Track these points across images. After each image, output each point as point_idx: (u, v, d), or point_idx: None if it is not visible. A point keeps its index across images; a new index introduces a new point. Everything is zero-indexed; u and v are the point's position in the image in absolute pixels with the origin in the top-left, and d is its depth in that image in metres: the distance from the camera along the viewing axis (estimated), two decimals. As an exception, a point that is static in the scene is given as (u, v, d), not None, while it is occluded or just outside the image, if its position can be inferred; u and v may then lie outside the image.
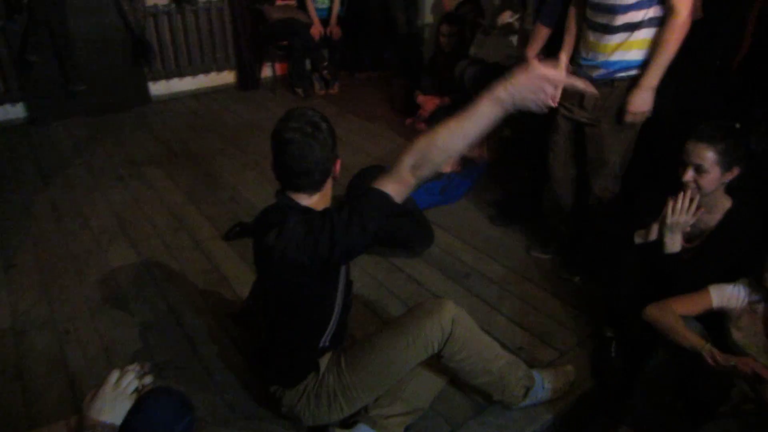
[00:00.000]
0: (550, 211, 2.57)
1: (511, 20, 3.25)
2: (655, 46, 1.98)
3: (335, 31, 4.84)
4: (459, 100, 3.76)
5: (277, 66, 5.24)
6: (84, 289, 2.47)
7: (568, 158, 2.37)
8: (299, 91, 4.88)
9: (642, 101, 2.02)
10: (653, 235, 1.85)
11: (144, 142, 4.01)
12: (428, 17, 5.04)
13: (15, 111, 4.30)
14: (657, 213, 1.83)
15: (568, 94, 2.23)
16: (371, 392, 1.65)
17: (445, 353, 1.61)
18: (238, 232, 2.82)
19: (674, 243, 1.81)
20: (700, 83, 2.31)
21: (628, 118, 2.07)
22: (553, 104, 2.22)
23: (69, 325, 2.26)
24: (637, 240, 1.89)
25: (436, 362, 1.68)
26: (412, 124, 4.08)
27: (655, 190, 1.96)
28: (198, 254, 2.71)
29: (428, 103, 3.96)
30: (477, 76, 3.43)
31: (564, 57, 2.24)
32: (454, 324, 1.59)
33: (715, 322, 1.74)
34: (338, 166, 1.55)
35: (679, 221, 1.78)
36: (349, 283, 1.68)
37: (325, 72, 4.88)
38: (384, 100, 4.75)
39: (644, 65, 2.03)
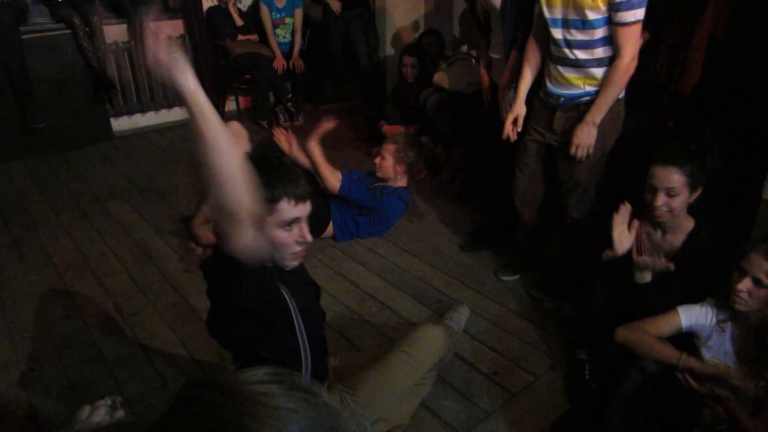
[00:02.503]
0: (518, 230, 2.61)
1: (467, 52, 3.39)
2: (601, 85, 2.07)
3: (298, 64, 4.92)
4: (423, 129, 3.87)
5: (241, 99, 5.28)
6: (49, 327, 2.41)
7: (536, 178, 2.42)
8: (264, 123, 4.92)
9: (585, 135, 2.11)
10: (619, 249, 1.90)
11: (108, 177, 3.96)
12: (389, 49, 5.17)
13: (-28, 150, 4.19)
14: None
15: (537, 118, 2.31)
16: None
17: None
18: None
19: (644, 277, 1.87)
20: (652, 107, 2.43)
21: (572, 150, 2.15)
22: (512, 138, 2.31)
23: (33, 363, 2.19)
24: (605, 257, 1.94)
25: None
26: (378, 153, 4.16)
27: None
28: (167, 287, 2.68)
29: (393, 132, 4.04)
30: (438, 104, 3.54)
31: (523, 87, 2.32)
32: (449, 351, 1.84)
33: (684, 343, 1.79)
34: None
35: (646, 262, 1.85)
36: (310, 319, 1.57)
37: (289, 104, 4.93)
38: (349, 130, 4.82)
39: None
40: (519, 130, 2.34)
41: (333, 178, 2.96)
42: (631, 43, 1.96)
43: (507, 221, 2.85)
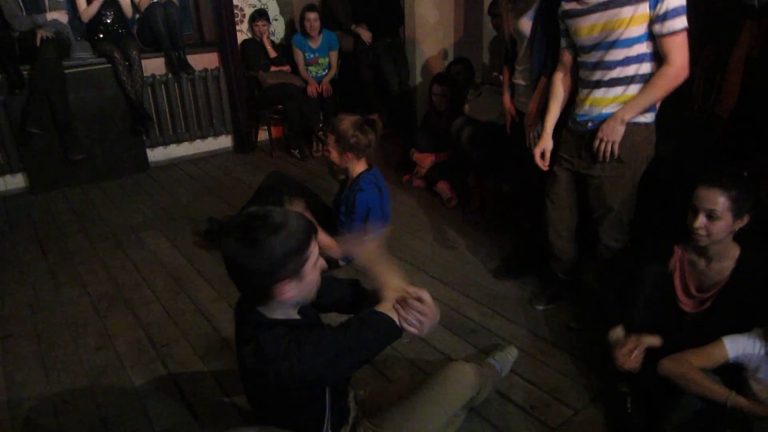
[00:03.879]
0: (553, 262, 2.56)
1: (495, 77, 3.37)
2: (643, 86, 2.02)
3: (326, 88, 4.96)
4: (455, 157, 3.84)
5: (273, 129, 5.35)
6: (82, 358, 2.41)
7: (568, 209, 2.38)
8: (296, 152, 4.97)
9: (611, 129, 2.05)
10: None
11: (142, 207, 4.03)
12: (419, 77, 5.20)
13: (15, 181, 4.34)
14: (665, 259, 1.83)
15: (565, 147, 2.27)
16: None
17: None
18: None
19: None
20: (695, 129, 2.35)
21: (595, 143, 2.10)
22: (544, 168, 2.28)
23: (66, 396, 2.19)
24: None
25: None
26: (409, 181, 4.15)
27: (663, 237, 1.96)
28: (199, 318, 2.67)
29: (425, 160, 4.03)
30: (473, 136, 3.51)
31: (550, 122, 2.30)
32: (480, 389, 1.77)
33: (732, 375, 1.70)
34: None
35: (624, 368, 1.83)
36: None
37: (320, 133, 4.97)
38: (379, 158, 4.80)
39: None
40: (547, 164, 2.32)
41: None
42: (681, 50, 1.92)
43: (539, 249, 2.79)
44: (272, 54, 4.96)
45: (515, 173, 3.02)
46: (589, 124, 2.15)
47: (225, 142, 5.27)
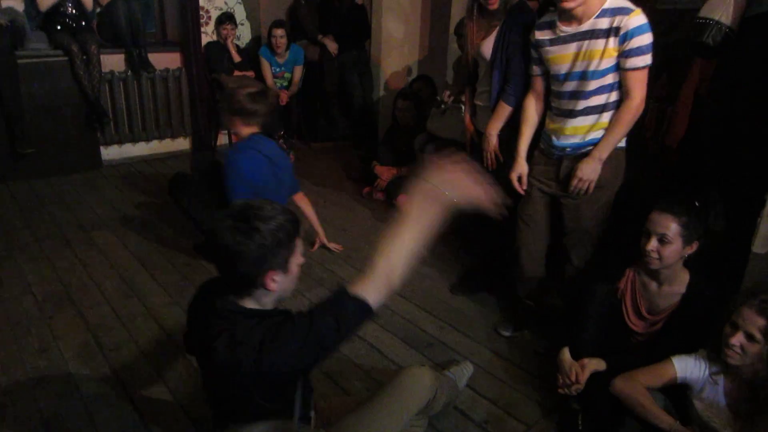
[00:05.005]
0: (520, 285, 2.56)
1: (448, 99, 3.45)
2: (610, 123, 2.11)
3: (283, 96, 4.94)
4: (416, 171, 3.89)
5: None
6: (24, 359, 2.31)
7: (542, 230, 2.40)
8: None
9: (590, 170, 2.13)
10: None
11: (94, 206, 3.90)
12: (382, 91, 5.26)
13: (-44, 171, 4.13)
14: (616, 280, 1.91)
15: (540, 169, 2.33)
16: None
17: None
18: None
19: None
20: (647, 157, 2.47)
21: (573, 183, 2.17)
22: (521, 192, 2.32)
23: (6, 399, 2.09)
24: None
25: None
26: (369, 194, 4.17)
27: (614, 259, 2.05)
28: (150, 322, 2.60)
29: (385, 173, 4.07)
30: (435, 151, 3.57)
31: (523, 146, 2.35)
32: (437, 393, 1.75)
33: (677, 394, 1.79)
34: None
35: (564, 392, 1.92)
36: None
37: (280, 141, 4.94)
38: (340, 169, 4.84)
39: None
40: (524, 187, 2.36)
41: None
42: (641, 86, 2.02)
43: (498, 266, 2.84)
44: (236, 58, 4.92)
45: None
46: (567, 150, 2.20)
47: (183, 144, 5.18)
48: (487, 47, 2.48)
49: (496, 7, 2.39)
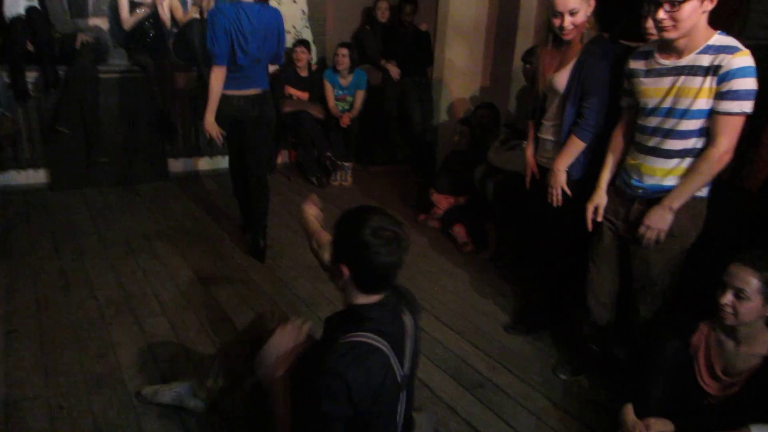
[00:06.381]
0: (585, 328, 2.46)
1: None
2: (688, 171, 1.98)
3: (344, 119, 4.99)
4: (474, 202, 3.85)
5: (293, 153, 5.41)
6: (83, 363, 2.39)
7: (611, 272, 2.30)
8: (313, 179, 5.00)
9: (659, 218, 2.01)
10: None
11: (158, 216, 4.05)
12: (443, 117, 5.25)
13: (36, 176, 4.40)
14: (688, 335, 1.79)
15: (612, 208, 2.23)
16: None
17: None
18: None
19: None
20: (724, 201, 2.31)
21: (641, 231, 2.06)
22: (598, 218, 2.23)
23: (63, 401, 2.16)
24: None
25: None
26: (424, 221, 4.15)
27: (687, 311, 1.93)
28: (203, 336, 2.65)
29: (443, 202, 4.04)
30: (498, 185, 3.51)
31: (606, 177, 2.25)
32: None
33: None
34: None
35: None
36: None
37: (327, 162, 5.00)
38: (395, 194, 4.84)
39: None
40: (599, 219, 2.26)
41: None
42: (730, 135, 1.87)
43: (559, 304, 2.74)
44: (302, 73, 5.03)
45: (532, 225, 2.99)
46: (640, 191, 2.10)
47: (245, 160, 5.31)
48: (561, 79, 2.40)
49: (572, 38, 2.33)
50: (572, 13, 2.24)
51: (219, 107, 3.22)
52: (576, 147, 2.38)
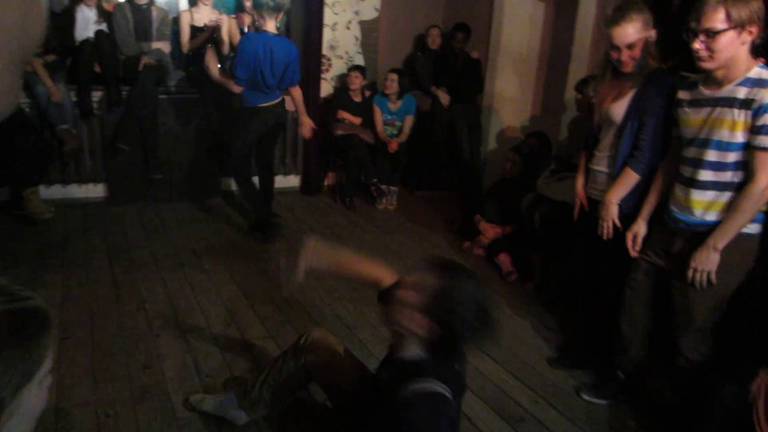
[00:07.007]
0: (617, 355, 2.42)
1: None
2: (729, 209, 1.94)
3: (393, 144, 5.02)
4: (520, 231, 3.79)
5: (336, 175, 5.49)
6: (130, 373, 2.46)
7: (645, 300, 2.27)
8: (347, 200, 5.02)
9: (705, 259, 1.96)
10: None
11: (207, 233, 4.16)
12: (492, 144, 5.23)
13: (95, 190, 4.60)
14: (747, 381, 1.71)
15: (653, 238, 2.20)
16: None
17: None
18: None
19: None
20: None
21: (689, 273, 2.00)
22: (632, 254, 2.19)
23: (110, 409, 2.22)
24: None
25: None
26: (469, 248, 4.11)
27: (746, 356, 1.84)
28: (246, 353, 2.68)
29: (490, 230, 4.00)
30: (546, 217, 3.46)
31: (648, 207, 2.24)
32: None
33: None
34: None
35: None
36: None
37: (372, 188, 5.04)
38: (441, 219, 4.82)
39: None
40: (638, 248, 2.25)
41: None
42: None
43: (601, 343, 2.66)
44: (356, 98, 5.12)
45: (578, 258, 2.92)
46: (681, 224, 2.07)
47: (293, 181, 5.42)
48: (618, 110, 2.37)
49: (630, 69, 2.31)
50: (630, 47, 2.24)
51: (257, 116, 3.94)
52: (630, 179, 2.34)
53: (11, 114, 2.53)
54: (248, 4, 4.94)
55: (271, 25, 3.72)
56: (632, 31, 2.21)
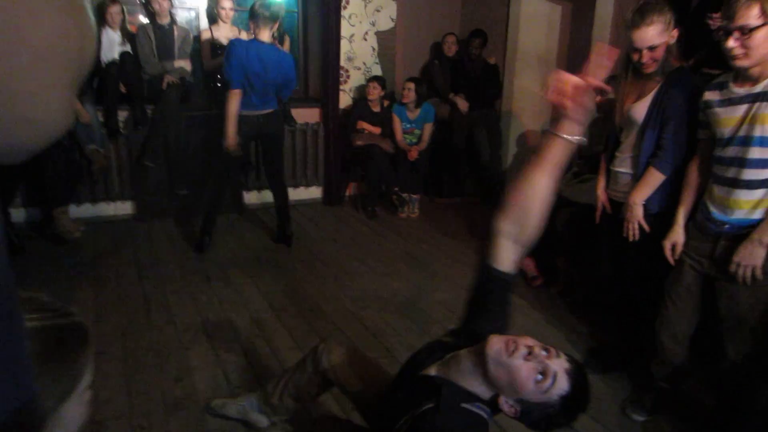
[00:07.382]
0: (657, 367, 2.36)
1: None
2: None
3: (413, 152, 5.05)
4: (544, 235, 3.76)
5: (358, 186, 5.52)
6: (162, 385, 2.50)
7: (690, 311, 2.21)
8: (368, 210, 5.05)
9: (749, 254, 1.91)
10: None
11: (233, 246, 4.22)
12: (512, 149, 5.22)
13: (123, 207, 4.70)
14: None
15: (694, 245, 2.16)
16: None
17: None
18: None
19: None
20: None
21: (731, 268, 1.96)
22: (676, 255, 2.15)
23: (144, 421, 2.27)
24: None
25: None
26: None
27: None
28: (273, 364, 2.71)
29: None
30: (570, 219, 3.44)
31: (683, 213, 2.20)
32: None
33: None
34: None
35: None
36: None
37: (394, 197, 5.05)
38: (463, 226, 4.82)
39: None
40: (677, 257, 2.20)
41: None
42: None
43: (630, 346, 2.63)
44: (375, 108, 5.16)
45: (609, 262, 2.90)
46: (726, 226, 2.01)
47: (315, 192, 5.48)
48: (640, 110, 2.35)
49: (652, 70, 2.29)
50: (651, 49, 2.22)
51: (239, 125, 3.83)
52: (655, 179, 2.31)
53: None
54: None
55: (265, 35, 3.75)
56: (654, 33, 2.18)
